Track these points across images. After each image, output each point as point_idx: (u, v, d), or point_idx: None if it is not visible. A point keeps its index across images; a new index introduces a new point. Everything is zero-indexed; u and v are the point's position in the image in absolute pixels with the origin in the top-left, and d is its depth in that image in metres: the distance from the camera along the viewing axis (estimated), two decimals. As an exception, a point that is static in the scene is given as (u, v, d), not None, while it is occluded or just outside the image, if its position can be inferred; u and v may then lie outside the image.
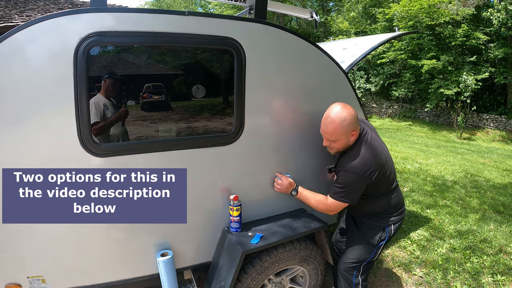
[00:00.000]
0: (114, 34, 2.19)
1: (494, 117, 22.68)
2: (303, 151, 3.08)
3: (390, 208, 2.82)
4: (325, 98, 3.05)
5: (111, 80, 2.30)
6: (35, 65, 2.08)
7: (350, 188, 2.60)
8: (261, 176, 2.93)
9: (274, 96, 2.83)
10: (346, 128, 2.51)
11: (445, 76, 22.17)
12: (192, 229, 2.72)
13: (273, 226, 2.89)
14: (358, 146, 2.61)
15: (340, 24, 31.15)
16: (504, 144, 20.04)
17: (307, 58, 2.92)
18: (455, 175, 9.04)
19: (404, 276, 4.07)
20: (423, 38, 23.16)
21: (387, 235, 2.83)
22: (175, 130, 2.57)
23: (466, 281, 3.97)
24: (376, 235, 2.83)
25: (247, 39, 2.56)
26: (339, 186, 2.63)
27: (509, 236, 5.19)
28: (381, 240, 2.83)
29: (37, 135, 2.15)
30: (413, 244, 4.80)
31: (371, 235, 2.84)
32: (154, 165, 2.42)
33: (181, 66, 2.60)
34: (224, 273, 2.64)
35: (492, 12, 19.44)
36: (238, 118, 2.65)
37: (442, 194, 7.20)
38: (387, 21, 25.65)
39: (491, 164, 11.15)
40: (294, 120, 2.96)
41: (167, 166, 2.46)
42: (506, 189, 7.85)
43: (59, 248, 2.38)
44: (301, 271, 3.07)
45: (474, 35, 21.15)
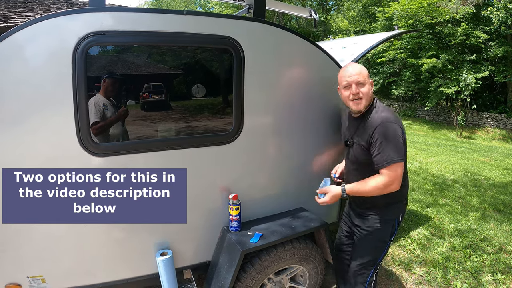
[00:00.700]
0: (113, 33, 2.19)
1: (494, 115, 22.67)
2: (303, 149, 3.08)
3: (402, 195, 2.66)
4: (324, 96, 3.05)
5: (111, 80, 2.30)
6: (34, 65, 2.08)
7: (395, 141, 2.36)
8: (260, 175, 2.94)
9: (273, 95, 2.83)
10: (367, 73, 2.48)
11: (445, 75, 22.16)
12: (192, 229, 2.73)
13: (273, 225, 2.89)
14: (377, 106, 2.53)
15: (339, 23, 31.14)
16: (504, 143, 20.03)
17: (306, 57, 2.92)
18: (455, 173, 9.04)
19: (404, 275, 4.07)
20: (423, 37, 23.15)
21: (396, 228, 2.73)
22: (175, 130, 2.57)
23: (466, 280, 3.97)
24: (387, 230, 2.69)
25: (246, 38, 2.56)
26: (382, 148, 2.36)
27: (510, 235, 5.20)
28: (392, 234, 2.72)
29: (36, 135, 2.15)
30: (413, 243, 4.80)
31: (382, 232, 2.69)
32: (154, 164, 2.43)
33: (180, 65, 2.60)
34: (223, 272, 2.65)
35: (492, 10, 19.39)
36: (237, 117, 2.65)
37: (442, 193, 7.21)
38: (386, 20, 25.60)
39: (491, 163, 11.15)
40: (293, 119, 2.96)
41: (166, 165, 2.47)
42: (506, 188, 7.86)
43: (59, 248, 2.38)
44: (301, 270, 3.07)
45: (474, 33, 21.14)
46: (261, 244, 2.64)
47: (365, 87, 2.44)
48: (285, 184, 3.11)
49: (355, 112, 2.57)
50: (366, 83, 2.44)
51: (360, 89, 2.43)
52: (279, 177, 3.05)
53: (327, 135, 3.09)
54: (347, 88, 2.48)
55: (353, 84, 2.44)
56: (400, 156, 2.35)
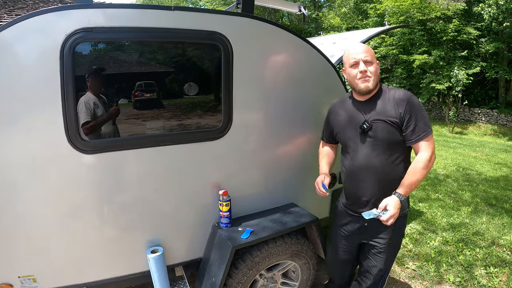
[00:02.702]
0: (101, 30, 2.17)
1: (485, 111, 22.80)
2: (293, 144, 3.08)
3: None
4: (314, 92, 3.06)
5: (97, 77, 2.28)
6: (23, 62, 2.06)
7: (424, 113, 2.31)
8: (250, 170, 2.93)
9: (262, 90, 2.82)
10: (373, 53, 2.39)
11: (436, 71, 22.24)
12: (182, 225, 2.72)
13: (264, 221, 2.89)
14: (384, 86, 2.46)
15: (331, 19, 31.10)
16: (496, 138, 20.14)
17: (296, 52, 2.91)
18: (447, 169, 9.10)
19: (397, 270, 4.09)
20: (414, 33, 23.21)
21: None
22: (164, 126, 2.56)
23: (459, 274, 4.00)
24: (404, 226, 2.59)
25: (234, 33, 2.55)
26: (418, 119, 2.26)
27: (502, 229, 5.24)
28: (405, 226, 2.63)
29: (27, 134, 2.13)
30: (406, 238, 4.83)
31: (402, 231, 2.59)
32: (144, 160, 2.43)
33: (168, 61, 2.58)
34: (215, 269, 2.64)
35: (483, 7, 19.51)
36: (226, 112, 2.64)
37: (435, 188, 7.25)
38: (378, 17, 25.65)
39: (483, 158, 11.22)
40: (283, 114, 2.96)
41: (157, 161, 2.47)
42: (498, 182, 7.91)
43: (50, 247, 2.36)
44: (293, 265, 3.07)
45: (465, 30, 21.23)
46: (251, 240, 2.63)
47: (373, 66, 2.35)
48: (276, 180, 3.10)
49: (364, 92, 2.39)
50: (374, 62, 2.35)
51: (368, 67, 2.33)
52: (269, 173, 3.04)
53: (317, 130, 3.08)
54: (354, 66, 2.37)
55: (361, 61, 2.33)
56: (431, 127, 2.31)
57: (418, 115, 2.27)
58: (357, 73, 2.35)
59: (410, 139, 2.30)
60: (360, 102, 2.48)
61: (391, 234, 2.52)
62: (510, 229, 5.25)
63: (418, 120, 2.27)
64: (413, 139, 2.29)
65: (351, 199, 2.61)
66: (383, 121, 2.34)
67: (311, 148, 3.11)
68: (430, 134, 2.28)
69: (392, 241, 2.54)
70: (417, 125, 2.26)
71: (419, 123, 2.26)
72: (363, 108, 2.45)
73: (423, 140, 2.27)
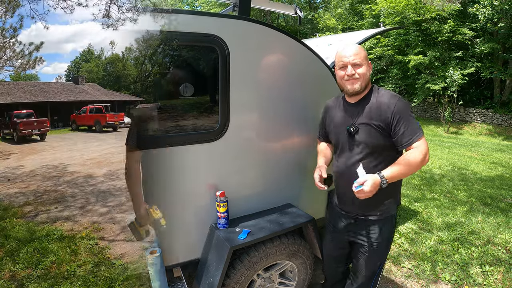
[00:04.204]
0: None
1: (480, 111, 22.93)
2: (290, 145, 3.10)
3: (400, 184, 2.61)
4: (310, 93, 3.07)
5: None
6: None
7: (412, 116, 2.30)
8: (248, 171, 2.95)
9: (259, 92, 2.84)
10: (365, 55, 2.37)
11: (431, 71, 22.35)
12: (181, 226, 2.73)
13: (261, 221, 2.90)
14: (375, 88, 2.45)
15: (327, 20, 31.17)
16: (491, 138, 20.25)
17: (291, 54, 2.93)
18: (443, 168, 9.13)
19: (393, 269, 4.11)
20: (409, 34, 23.30)
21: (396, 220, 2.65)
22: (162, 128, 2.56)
23: (455, 273, 4.02)
24: (393, 226, 2.60)
25: (230, 36, 2.56)
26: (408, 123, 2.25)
27: (497, 228, 5.28)
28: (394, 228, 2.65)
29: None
30: (402, 237, 4.86)
31: (390, 232, 2.59)
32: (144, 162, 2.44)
33: (166, 64, 2.59)
34: (213, 269, 2.65)
35: (478, 7, 19.64)
36: (223, 114, 2.66)
37: (430, 188, 7.29)
38: (374, 18, 25.73)
39: (478, 157, 11.28)
40: (280, 116, 2.97)
41: (156, 163, 2.48)
42: (493, 182, 7.96)
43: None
44: (290, 265, 3.08)
45: (460, 30, 21.36)
46: (249, 240, 2.64)
47: (362, 68, 2.33)
48: (272, 181, 3.12)
49: (351, 94, 2.41)
50: (363, 64, 2.34)
51: (356, 70, 2.33)
52: (266, 174, 3.06)
53: (314, 131, 3.10)
54: (343, 68, 2.38)
55: (349, 65, 2.33)
56: (421, 128, 2.29)
57: (406, 118, 2.26)
58: (344, 75, 2.37)
59: (402, 143, 2.29)
60: (350, 104, 2.49)
61: (379, 234, 2.53)
62: (505, 228, 5.29)
63: (407, 123, 2.26)
64: (405, 142, 2.27)
65: (340, 197, 2.66)
66: (368, 125, 2.35)
67: (307, 149, 3.13)
68: (422, 135, 2.27)
69: (380, 241, 2.55)
70: (407, 129, 2.25)
71: (409, 126, 2.25)
72: (352, 111, 2.46)
73: (416, 142, 2.25)
